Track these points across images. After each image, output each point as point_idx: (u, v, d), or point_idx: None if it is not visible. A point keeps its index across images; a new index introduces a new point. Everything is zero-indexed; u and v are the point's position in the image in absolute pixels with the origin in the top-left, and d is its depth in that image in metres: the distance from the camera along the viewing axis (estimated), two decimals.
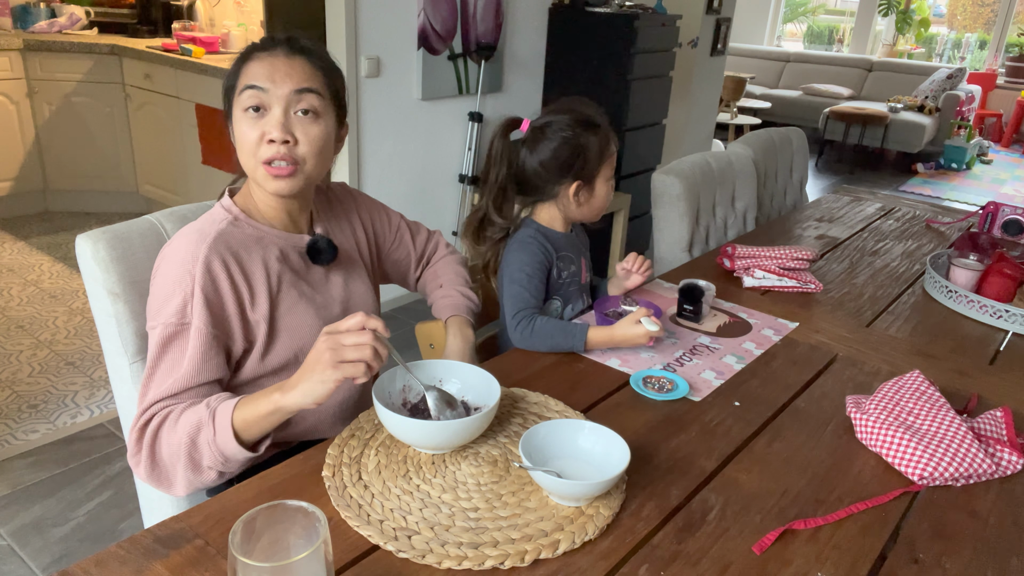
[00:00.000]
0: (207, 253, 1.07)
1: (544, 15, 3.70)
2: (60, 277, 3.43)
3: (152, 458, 1.03)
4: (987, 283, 1.73)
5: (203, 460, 1.00)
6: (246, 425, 0.98)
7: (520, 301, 1.44)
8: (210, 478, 1.02)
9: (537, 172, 1.49)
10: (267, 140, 1.08)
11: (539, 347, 1.39)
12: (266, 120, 1.08)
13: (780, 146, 2.85)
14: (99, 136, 4.13)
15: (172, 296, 1.05)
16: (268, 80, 1.08)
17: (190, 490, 1.04)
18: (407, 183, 3.30)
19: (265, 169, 1.09)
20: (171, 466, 1.02)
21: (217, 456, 0.99)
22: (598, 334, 1.37)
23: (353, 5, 2.80)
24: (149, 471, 1.03)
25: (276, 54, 1.11)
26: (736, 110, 6.73)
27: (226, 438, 0.97)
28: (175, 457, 1.01)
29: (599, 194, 1.52)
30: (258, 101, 1.08)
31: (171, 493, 1.05)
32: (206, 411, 1.00)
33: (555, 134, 1.46)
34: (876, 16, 8.40)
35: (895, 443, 1.11)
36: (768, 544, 0.92)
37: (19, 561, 1.85)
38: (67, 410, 2.46)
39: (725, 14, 4.60)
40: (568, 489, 0.93)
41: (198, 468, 1.01)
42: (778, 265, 1.80)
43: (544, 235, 1.51)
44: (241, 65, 1.12)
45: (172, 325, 1.05)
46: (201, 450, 0.99)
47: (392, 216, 1.43)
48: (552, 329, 1.39)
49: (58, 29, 4.17)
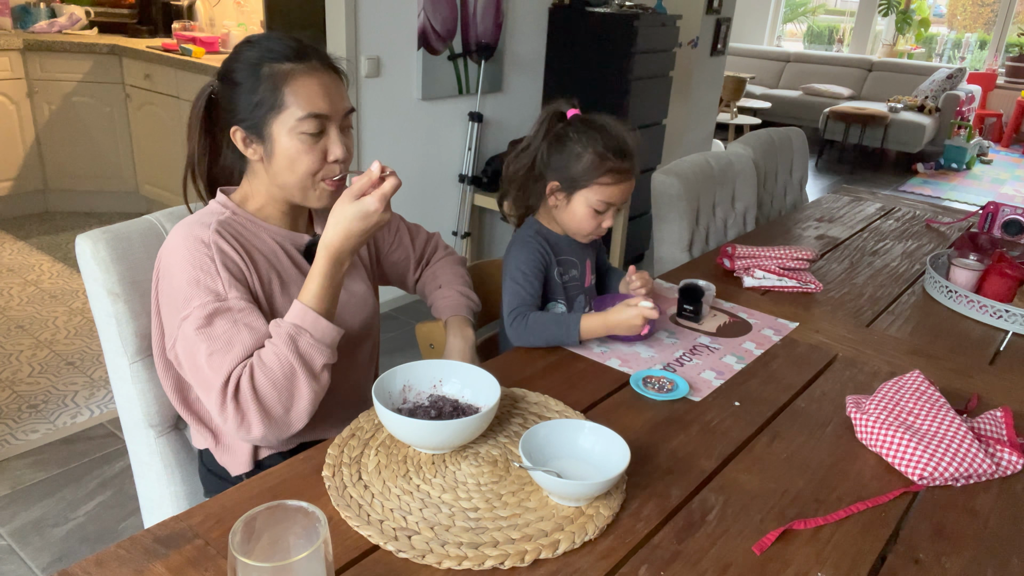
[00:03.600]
0: (215, 237, 1.09)
1: (544, 15, 3.70)
2: (60, 277, 3.43)
3: (262, 408, 1.02)
4: (987, 283, 1.73)
5: (316, 364, 1.04)
6: (326, 308, 1.06)
7: (516, 298, 1.43)
8: (326, 381, 1.07)
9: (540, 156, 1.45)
10: (332, 160, 1.12)
11: (535, 342, 1.39)
12: (324, 142, 1.11)
13: (780, 146, 2.85)
14: (99, 136, 4.13)
15: (199, 281, 1.05)
16: (329, 104, 1.10)
17: (311, 412, 1.06)
18: (407, 183, 3.30)
19: (325, 185, 1.13)
20: (287, 397, 1.03)
21: (325, 350, 1.05)
22: (592, 321, 1.37)
23: (353, 5, 2.80)
24: (266, 423, 1.03)
25: (320, 72, 1.11)
26: (736, 110, 6.73)
27: (323, 327, 1.05)
28: (289, 383, 1.03)
29: (574, 209, 1.44)
30: (319, 127, 1.10)
31: (295, 428, 1.06)
32: (291, 327, 1.03)
33: (571, 132, 1.43)
34: (876, 16, 8.40)
35: (895, 443, 1.11)
36: (768, 544, 0.92)
37: (19, 561, 1.85)
38: (67, 410, 2.46)
39: (725, 14, 4.60)
40: (568, 489, 0.93)
41: (316, 375, 1.05)
42: (778, 265, 1.80)
43: (544, 236, 1.51)
44: (282, 84, 1.08)
45: (210, 303, 1.04)
46: (311, 355, 1.04)
47: (391, 217, 1.42)
48: (546, 321, 1.39)
49: (58, 29, 4.17)
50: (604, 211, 1.44)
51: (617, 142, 1.41)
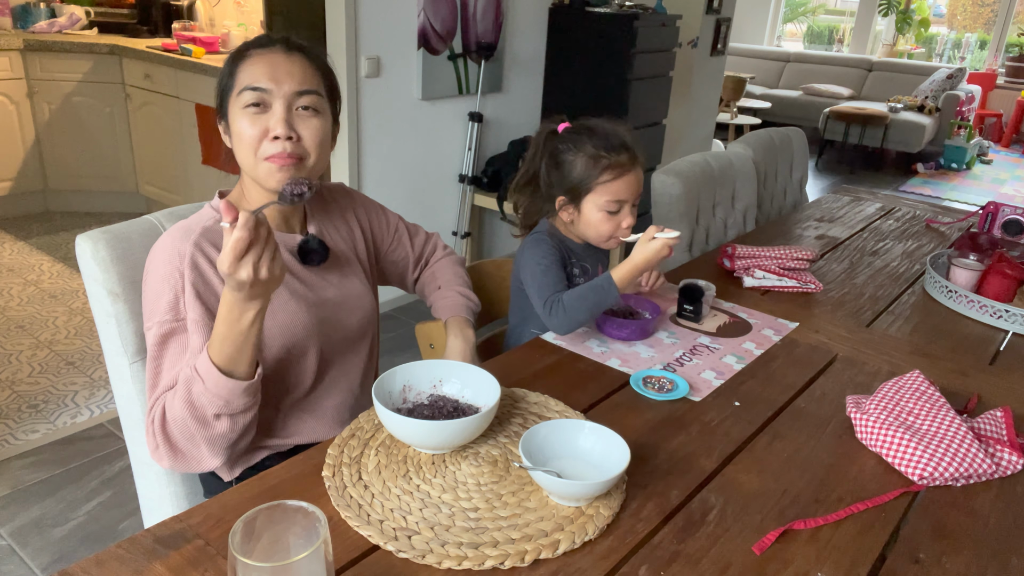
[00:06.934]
0: (192, 250, 1.08)
1: (544, 15, 3.70)
2: (60, 277, 3.43)
3: (168, 442, 1.04)
4: (987, 283, 1.73)
5: (207, 412, 1.00)
6: (227, 356, 0.98)
7: (544, 289, 1.41)
8: (223, 429, 1.02)
9: (543, 175, 1.48)
10: (271, 137, 1.08)
11: (579, 318, 1.37)
12: (268, 116, 1.08)
13: (780, 146, 2.85)
14: (99, 136, 4.13)
15: (162, 294, 1.06)
16: (270, 80, 1.08)
17: (219, 455, 1.05)
18: (407, 183, 3.30)
19: (268, 163, 1.09)
20: (187, 438, 1.03)
21: (215, 400, 0.99)
22: (621, 270, 1.36)
23: (353, 5, 2.80)
24: (172, 457, 1.04)
25: (275, 51, 1.10)
26: (736, 110, 6.73)
27: (214, 377, 0.98)
28: (185, 425, 1.01)
29: (587, 218, 1.45)
30: (259, 99, 1.08)
31: (205, 467, 1.05)
32: (190, 370, 1.01)
33: (560, 144, 1.45)
34: (876, 16, 8.39)
35: (895, 443, 1.11)
36: (768, 544, 0.92)
37: (19, 561, 1.85)
38: (67, 410, 2.46)
39: (725, 14, 4.60)
40: (568, 489, 0.93)
41: (207, 423, 1.01)
42: (778, 265, 1.80)
43: (556, 238, 1.51)
44: (237, 64, 1.11)
45: (167, 323, 1.06)
46: (201, 403, 1.00)
47: (390, 217, 1.42)
48: (580, 294, 1.37)
49: (58, 29, 4.17)
50: (618, 211, 1.44)
51: (608, 138, 1.42)
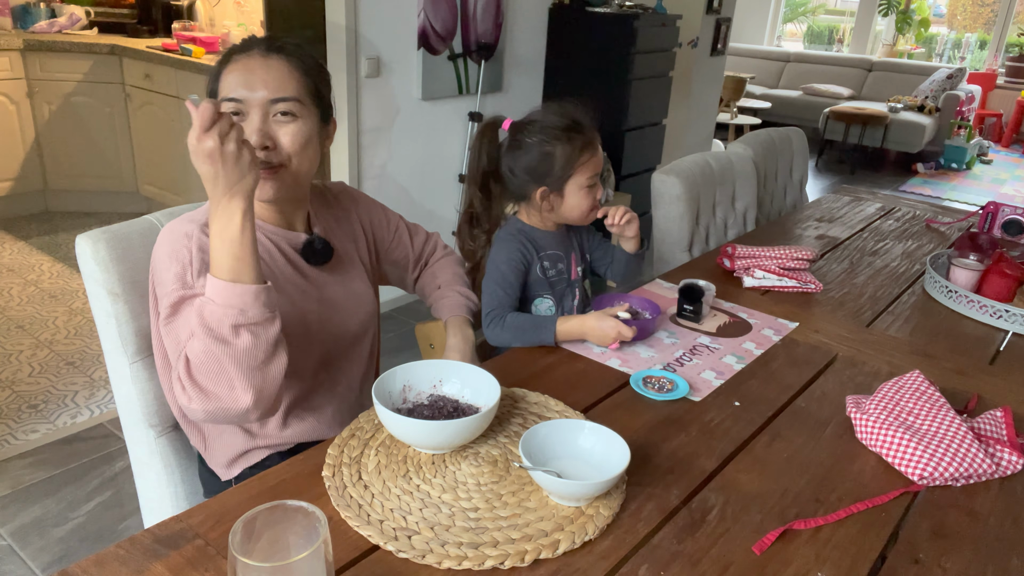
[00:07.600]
0: (197, 232, 1.08)
1: (544, 15, 3.70)
2: (60, 277, 3.43)
3: (197, 386, 0.97)
4: (987, 283, 1.73)
5: (224, 328, 0.94)
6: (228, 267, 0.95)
7: (494, 299, 1.46)
8: (246, 343, 0.95)
9: (507, 174, 1.51)
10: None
11: (511, 342, 1.41)
12: (245, 126, 1.08)
13: (780, 146, 2.85)
14: (99, 136, 4.13)
15: (170, 268, 1.05)
16: (245, 88, 1.08)
17: (249, 388, 0.97)
18: (407, 183, 3.30)
19: None
20: (215, 374, 0.96)
21: (229, 311, 0.94)
22: (567, 324, 1.38)
23: (353, 5, 2.80)
24: (204, 400, 0.97)
25: (252, 56, 1.11)
26: (736, 110, 6.73)
27: (221, 289, 0.94)
28: (208, 357, 0.95)
29: (570, 201, 1.49)
30: (236, 109, 1.09)
31: (240, 405, 0.97)
32: (200, 301, 0.96)
33: (524, 138, 1.47)
34: (876, 16, 8.39)
35: (895, 443, 1.11)
36: (768, 544, 0.92)
37: (19, 561, 1.85)
38: (67, 410, 2.46)
39: (725, 14, 4.60)
40: (568, 489, 0.93)
41: (227, 340, 0.95)
42: (778, 265, 1.80)
43: (526, 234, 1.53)
44: (221, 70, 1.12)
45: (176, 291, 1.04)
46: (218, 320, 0.94)
47: (391, 217, 1.43)
48: (522, 322, 1.41)
49: (58, 29, 4.16)
50: (593, 184, 1.50)
51: (571, 120, 1.47)
